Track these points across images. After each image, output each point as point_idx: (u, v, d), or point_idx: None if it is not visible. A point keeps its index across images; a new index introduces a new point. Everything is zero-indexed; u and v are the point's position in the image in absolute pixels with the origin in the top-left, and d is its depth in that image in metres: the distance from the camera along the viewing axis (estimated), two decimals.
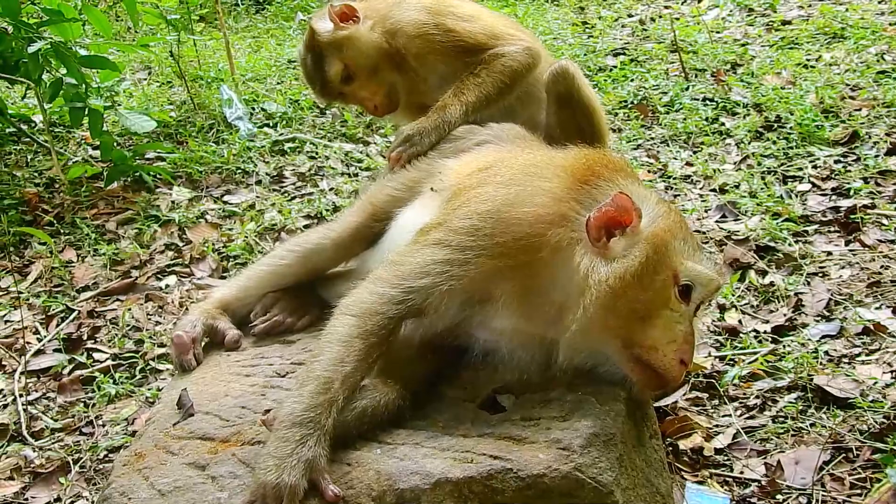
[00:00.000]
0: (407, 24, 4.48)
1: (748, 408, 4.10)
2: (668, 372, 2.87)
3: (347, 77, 4.63)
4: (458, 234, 3.01)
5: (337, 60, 4.59)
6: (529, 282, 2.97)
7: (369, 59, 4.56)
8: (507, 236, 2.96)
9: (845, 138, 6.15)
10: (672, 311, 2.90)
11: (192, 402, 3.19)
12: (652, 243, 2.89)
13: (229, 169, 6.84)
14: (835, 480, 3.63)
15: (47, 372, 4.92)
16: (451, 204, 3.26)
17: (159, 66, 9.19)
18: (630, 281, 2.84)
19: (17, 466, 4.26)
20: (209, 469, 2.82)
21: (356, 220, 3.89)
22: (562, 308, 2.91)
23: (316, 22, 4.65)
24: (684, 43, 8.02)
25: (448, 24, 4.46)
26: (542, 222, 2.95)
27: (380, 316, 2.95)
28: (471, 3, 4.71)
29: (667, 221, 2.97)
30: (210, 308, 3.81)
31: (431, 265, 2.98)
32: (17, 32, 6.41)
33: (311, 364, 2.86)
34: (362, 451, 2.79)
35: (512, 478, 2.60)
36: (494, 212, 3.02)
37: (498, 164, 3.42)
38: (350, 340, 2.89)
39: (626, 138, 6.60)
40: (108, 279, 5.69)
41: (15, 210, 6.40)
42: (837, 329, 4.47)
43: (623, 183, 3.06)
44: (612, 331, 2.88)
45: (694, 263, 2.94)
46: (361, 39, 4.53)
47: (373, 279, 3.07)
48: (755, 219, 5.41)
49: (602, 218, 2.89)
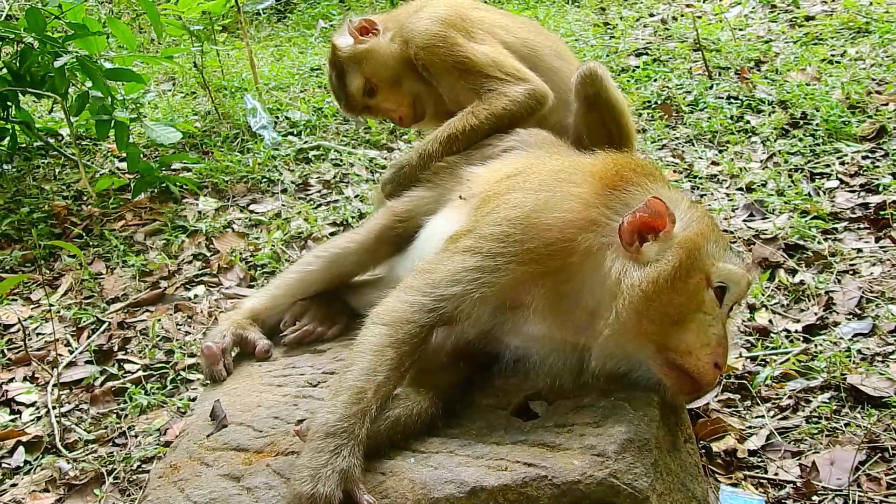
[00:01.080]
0: (417, 34, 4.45)
1: (781, 408, 4.07)
2: (702, 376, 2.85)
3: (370, 90, 4.62)
4: (488, 241, 3.01)
5: (358, 75, 4.60)
6: (561, 287, 2.96)
7: (390, 71, 4.55)
8: (538, 242, 2.95)
9: (873, 134, 6.10)
10: (705, 314, 2.88)
11: (225, 413, 3.20)
12: (685, 248, 2.87)
13: (255, 178, 6.86)
14: (871, 481, 3.59)
15: (79, 384, 4.96)
16: (480, 211, 3.26)
17: (183, 77, 9.24)
18: (663, 285, 2.82)
19: (52, 478, 4.29)
20: (244, 480, 2.83)
21: (380, 223, 3.91)
22: (594, 313, 2.91)
23: (337, 38, 4.66)
24: (707, 41, 7.98)
25: (457, 39, 4.39)
26: (572, 227, 2.95)
27: (411, 325, 2.95)
28: (497, 25, 4.61)
29: (699, 225, 2.96)
30: (239, 318, 3.83)
31: (462, 272, 2.98)
32: (44, 47, 6.47)
33: (344, 374, 2.86)
34: (396, 460, 2.79)
35: (547, 485, 2.59)
36: (524, 218, 3.01)
37: (526, 170, 3.41)
38: (382, 350, 2.89)
39: (650, 138, 6.57)
40: (137, 290, 5.73)
41: (44, 223, 6.45)
42: (870, 327, 4.43)
43: (653, 187, 3.05)
44: (646, 336, 2.86)
45: (725, 264, 2.93)
46: (381, 52, 4.53)
47: (403, 288, 3.07)
48: (783, 217, 5.37)
49: (635, 223, 2.88)
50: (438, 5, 4.56)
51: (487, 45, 4.45)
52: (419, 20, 4.48)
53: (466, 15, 4.53)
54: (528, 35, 4.68)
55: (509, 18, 4.81)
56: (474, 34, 4.46)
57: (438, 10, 4.51)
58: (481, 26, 4.52)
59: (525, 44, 4.59)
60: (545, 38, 4.72)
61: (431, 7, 4.56)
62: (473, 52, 4.37)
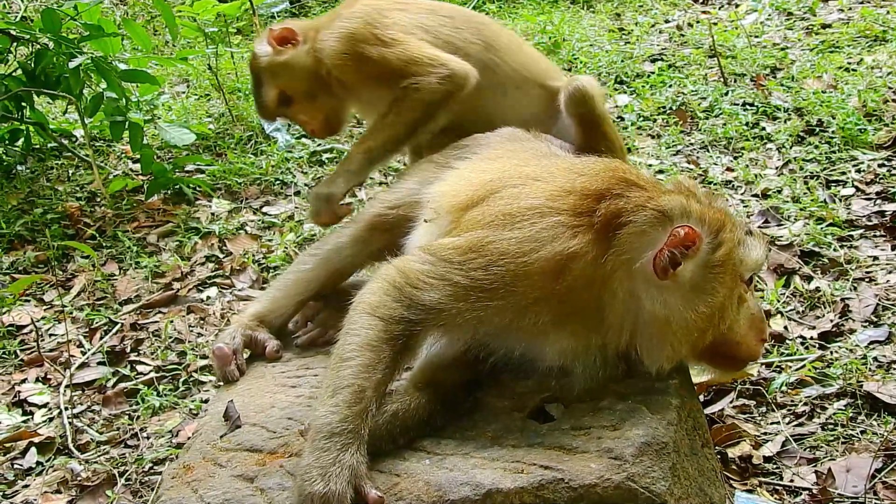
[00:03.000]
0: (327, 53, 4.42)
1: (797, 415, 4.04)
2: (753, 356, 3.15)
3: (286, 101, 4.59)
4: (481, 291, 2.92)
5: (272, 86, 4.58)
6: (568, 309, 2.95)
7: (305, 85, 4.51)
8: (532, 284, 2.92)
9: (889, 142, 6.06)
10: (742, 304, 3.05)
11: (238, 414, 3.19)
12: (725, 266, 2.94)
13: (268, 180, 6.86)
14: (888, 488, 3.57)
15: (92, 385, 4.95)
16: (461, 238, 3.10)
17: (197, 78, 9.25)
18: (715, 312, 2.93)
19: (64, 480, 4.28)
20: (258, 481, 2.83)
21: (370, 213, 3.89)
22: (619, 330, 2.95)
23: (256, 45, 4.63)
24: (723, 48, 7.95)
25: (368, 52, 4.32)
26: (570, 269, 2.91)
27: (404, 326, 2.92)
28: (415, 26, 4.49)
29: (726, 233, 2.97)
30: (247, 321, 3.83)
31: (455, 312, 2.93)
32: (59, 48, 6.48)
33: (341, 369, 2.84)
34: (411, 461, 2.78)
35: (564, 488, 2.58)
36: (514, 268, 2.92)
37: (501, 193, 3.24)
38: (380, 346, 2.87)
39: (665, 144, 6.55)
40: (149, 292, 5.73)
41: (57, 224, 6.46)
42: (886, 334, 4.40)
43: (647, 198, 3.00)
44: (698, 347, 3.00)
45: (751, 256, 3.04)
46: (297, 65, 4.48)
47: (392, 283, 3.00)
48: (799, 224, 5.34)
49: (670, 256, 2.86)
50: (351, 16, 4.48)
51: (399, 44, 4.35)
52: (330, 37, 4.43)
53: (378, 21, 4.42)
54: (451, 32, 4.54)
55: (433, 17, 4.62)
56: (386, 40, 4.36)
57: (350, 23, 4.43)
58: (394, 29, 4.42)
59: (448, 42, 4.49)
60: (474, 32, 4.57)
61: (345, 18, 4.48)
62: (385, 62, 4.30)
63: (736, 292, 3.00)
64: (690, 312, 2.85)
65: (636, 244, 2.89)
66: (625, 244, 2.90)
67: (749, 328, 3.07)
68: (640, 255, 2.87)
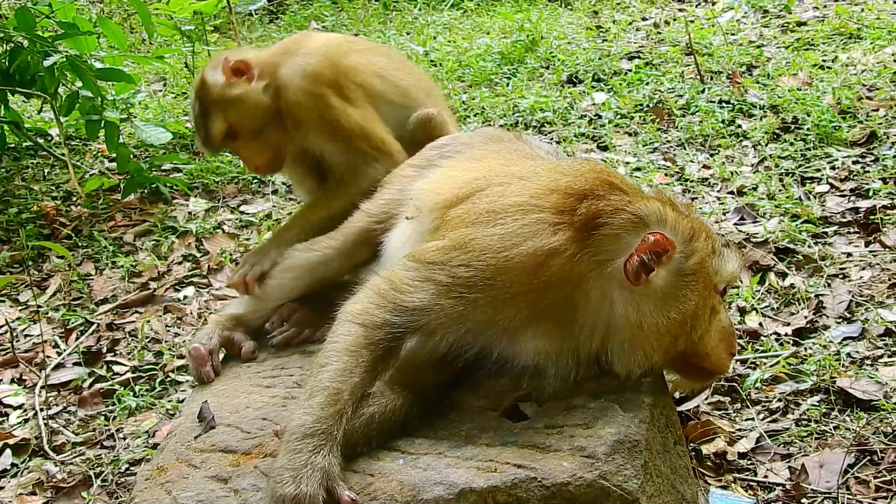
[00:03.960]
0: (289, 89, 4.38)
1: (771, 411, 4.07)
2: (721, 369, 3.17)
3: (231, 134, 4.45)
4: (462, 287, 2.96)
5: (221, 119, 4.40)
6: (546, 312, 2.98)
7: (256, 122, 4.40)
8: (513, 279, 2.94)
9: (863, 139, 6.10)
10: (715, 315, 3.07)
11: (213, 415, 3.19)
12: (697, 275, 2.97)
13: (245, 179, 6.84)
14: (860, 484, 3.59)
15: (67, 385, 4.93)
16: (445, 239, 3.15)
17: (174, 77, 9.21)
18: (686, 320, 2.96)
19: (40, 481, 4.25)
20: (231, 482, 2.82)
21: (357, 226, 3.88)
22: (591, 332, 2.97)
23: (208, 73, 4.46)
24: (699, 45, 7.98)
25: (329, 100, 4.34)
26: (544, 258, 2.93)
27: (385, 331, 2.94)
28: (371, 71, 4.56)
29: (699, 242, 2.99)
30: (224, 321, 3.82)
31: (438, 309, 2.96)
32: (33, 46, 6.43)
33: (319, 373, 2.87)
34: (385, 461, 2.78)
35: (536, 486, 2.59)
36: (495, 263, 2.96)
37: (486, 191, 3.28)
38: (358, 351, 2.90)
39: (642, 142, 6.57)
40: (126, 291, 5.70)
41: (33, 224, 6.42)
42: (859, 331, 4.43)
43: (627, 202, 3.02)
44: (669, 354, 3.03)
45: (726, 267, 3.06)
46: (250, 101, 4.37)
47: (377, 292, 3.03)
48: (774, 221, 5.37)
49: (639, 262, 2.88)
50: (312, 53, 4.48)
51: (359, 108, 4.39)
52: (292, 72, 4.40)
53: (341, 64, 4.46)
54: (401, 75, 4.67)
55: (385, 58, 4.78)
56: (347, 93, 4.40)
57: (311, 60, 4.43)
58: (356, 78, 4.47)
59: (397, 88, 4.60)
60: (414, 76, 4.76)
61: (305, 55, 4.47)
62: (345, 117, 4.33)
63: (709, 302, 3.03)
64: (662, 318, 2.88)
65: (609, 247, 2.92)
66: (599, 245, 2.93)
67: (719, 341, 3.09)
68: (613, 257, 2.89)
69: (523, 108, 7.24)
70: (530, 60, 8.32)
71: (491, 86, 7.93)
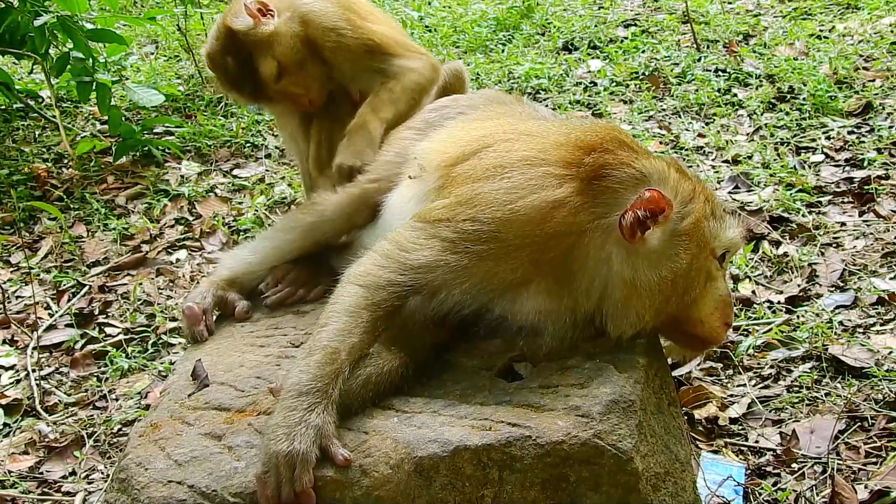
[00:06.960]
0: (317, 15, 4.35)
1: (763, 378, 4.09)
2: (715, 339, 3.11)
3: (280, 73, 4.40)
4: (466, 240, 2.95)
5: (269, 58, 4.33)
6: (547, 267, 2.96)
7: (298, 52, 4.35)
8: (518, 233, 2.93)
9: (859, 109, 6.11)
10: (712, 282, 3.03)
11: (206, 373, 3.18)
12: (691, 236, 2.94)
13: (238, 143, 6.81)
14: (850, 449, 3.62)
15: (59, 347, 4.92)
16: (451, 197, 3.13)
17: (166, 39, 9.13)
18: (679, 281, 2.92)
19: (32, 441, 4.26)
20: (225, 439, 2.82)
21: (355, 187, 3.85)
22: (594, 292, 2.95)
23: (233, 20, 4.36)
24: (696, 14, 7.94)
25: (356, 20, 4.33)
26: (551, 211, 2.92)
27: (388, 291, 2.94)
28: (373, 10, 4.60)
29: (697, 203, 2.98)
30: (219, 281, 3.80)
31: (442, 264, 2.95)
32: (23, 6, 6.37)
33: (319, 333, 2.86)
34: (379, 419, 2.77)
35: (531, 445, 2.59)
36: (500, 214, 2.95)
37: (492, 148, 3.26)
38: (358, 312, 2.89)
39: (637, 109, 6.55)
40: (118, 254, 5.68)
41: (24, 186, 6.38)
42: (852, 299, 4.46)
43: (632, 158, 3.01)
44: (661, 317, 2.98)
45: (725, 233, 3.03)
46: (288, 33, 4.33)
47: (382, 254, 3.03)
48: (768, 189, 5.38)
49: (634, 218, 2.86)
50: None
51: (381, 23, 4.42)
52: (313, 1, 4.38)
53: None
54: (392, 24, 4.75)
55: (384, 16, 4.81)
56: (364, 14, 4.41)
57: None
58: (365, 7, 4.51)
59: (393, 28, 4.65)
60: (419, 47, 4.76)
61: None
62: (375, 31, 4.34)
63: (704, 266, 2.99)
64: (654, 276, 2.86)
65: (609, 199, 2.91)
66: (600, 198, 2.93)
67: (714, 309, 3.04)
68: (612, 211, 2.88)
69: (518, 74, 7.21)
70: (526, 27, 8.28)
71: (486, 52, 7.89)
